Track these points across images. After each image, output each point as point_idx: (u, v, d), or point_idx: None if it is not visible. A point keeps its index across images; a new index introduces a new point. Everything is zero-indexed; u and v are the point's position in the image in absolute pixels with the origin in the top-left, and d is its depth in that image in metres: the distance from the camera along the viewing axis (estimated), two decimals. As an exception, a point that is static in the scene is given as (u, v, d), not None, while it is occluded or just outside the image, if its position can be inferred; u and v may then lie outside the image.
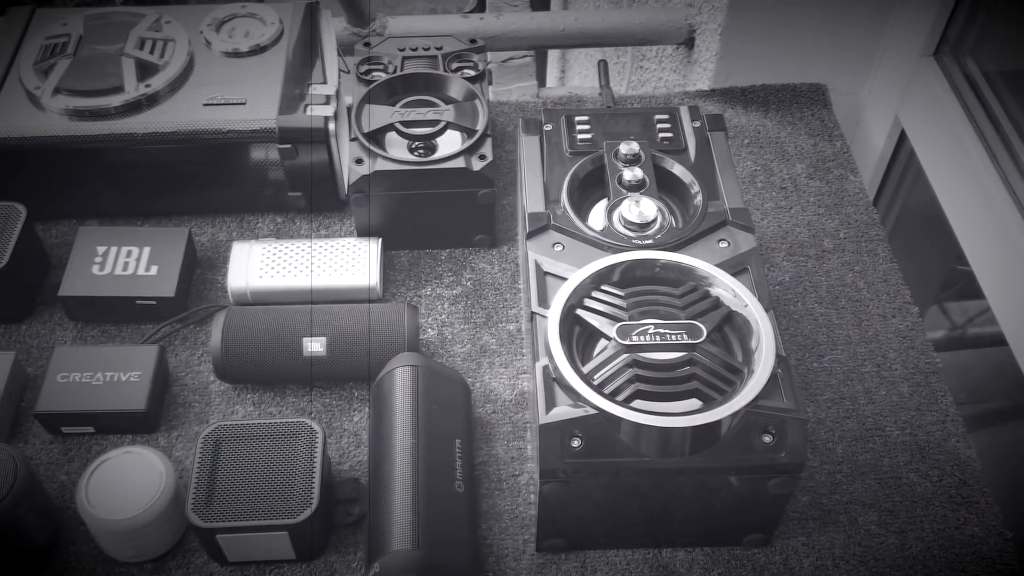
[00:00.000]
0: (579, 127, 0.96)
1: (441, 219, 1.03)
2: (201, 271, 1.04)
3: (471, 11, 1.26)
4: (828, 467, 0.89)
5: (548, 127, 0.96)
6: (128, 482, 0.80)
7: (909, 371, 0.96)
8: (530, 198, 0.89)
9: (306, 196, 1.07)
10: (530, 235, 0.86)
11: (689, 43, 1.30)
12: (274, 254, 1.01)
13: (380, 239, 1.02)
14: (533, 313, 0.81)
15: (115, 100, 1.01)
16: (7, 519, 0.76)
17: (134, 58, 1.04)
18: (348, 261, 1.01)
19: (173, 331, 0.99)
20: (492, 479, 0.89)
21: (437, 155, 1.02)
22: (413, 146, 1.03)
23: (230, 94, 1.03)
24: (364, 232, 1.03)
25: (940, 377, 0.96)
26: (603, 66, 1.23)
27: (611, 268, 0.82)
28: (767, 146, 1.18)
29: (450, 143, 1.03)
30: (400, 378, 0.87)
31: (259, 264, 1.00)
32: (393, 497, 0.80)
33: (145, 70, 1.04)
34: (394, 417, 0.85)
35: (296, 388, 0.95)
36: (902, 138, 1.24)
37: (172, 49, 1.06)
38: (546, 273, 0.83)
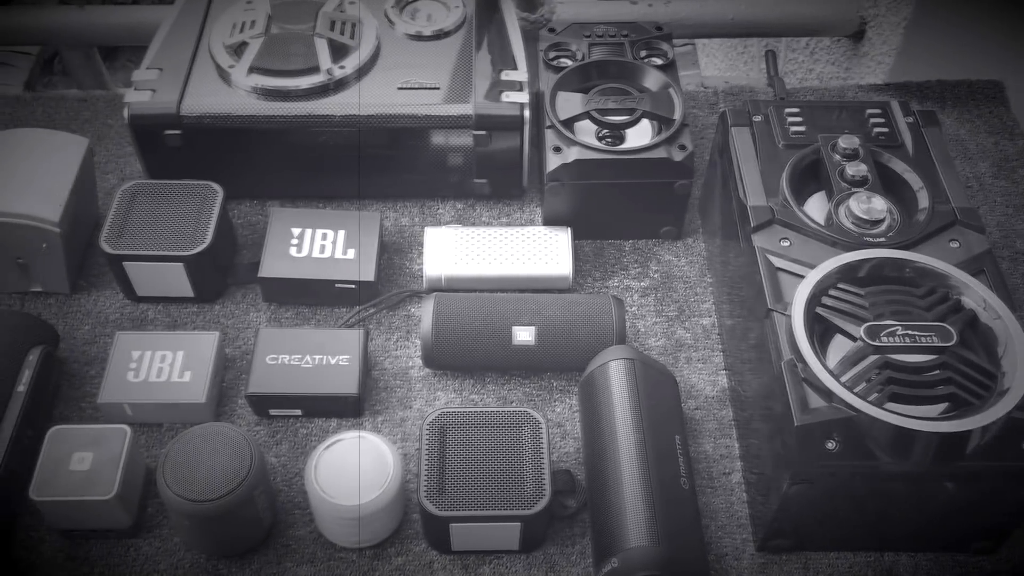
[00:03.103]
0: (790, 119, 0.94)
1: (630, 209, 1.02)
2: (388, 256, 1.03)
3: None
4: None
5: (757, 118, 0.94)
6: (356, 467, 0.79)
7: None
8: (750, 191, 0.88)
9: (492, 183, 1.06)
10: (755, 229, 0.85)
11: (858, 35, 1.27)
12: (467, 241, 1.00)
13: (570, 228, 1.01)
14: (770, 310, 0.79)
15: (309, 81, 1.00)
16: (245, 500, 0.76)
17: (326, 39, 1.03)
18: (540, 250, 1.00)
19: (368, 315, 0.98)
20: (703, 476, 0.88)
21: (627, 144, 1.01)
22: (602, 134, 1.02)
23: (420, 78, 1.02)
24: (553, 221, 1.02)
25: None
26: (771, 56, 1.21)
27: (856, 265, 0.80)
28: (948, 144, 1.16)
29: (637, 133, 1.02)
30: (616, 371, 0.86)
31: (453, 251, 0.99)
32: (622, 492, 0.79)
33: (336, 51, 1.03)
34: (613, 410, 0.84)
35: (495, 376, 0.94)
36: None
37: (360, 30, 1.05)
38: (777, 269, 0.82)
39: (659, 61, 1.06)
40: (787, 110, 0.95)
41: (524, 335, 0.90)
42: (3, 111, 1.17)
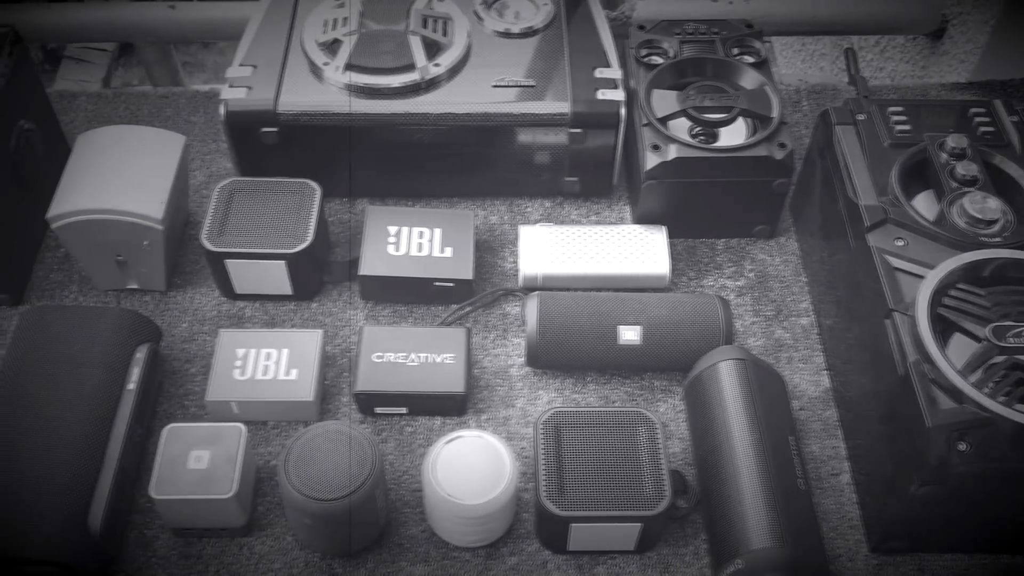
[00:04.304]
0: (894, 118, 0.93)
1: (725, 207, 1.01)
2: (479, 254, 1.03)
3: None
4: None
5: (861, 117, 0.94)
6: (473, 466, 0.79)
7: None
8: (861, 190, 0.87)
9: (583, 181, 1.05)
10: (869, 229, 0.84)
11: (937, 33, 1.26)
12: (563, 239, 1.00)
13: (665, 227, 1.01)
14: (891, 310, 0.79)
15: (401, 79, 1.00)
16: (367, 499, 0.76)
17: (419, 36, 1.03)
18: (636, 248, 0.99)
19: (463, 314, 0.98)
20: (812, 477, 0.87)
21: (721, 143, 1.00)
22: (695, 132, 1.01)
23: (513, 76, 1.02)
24: (646, 219, 1.02)
25: None
26: (852, 54, 1.20)
27: (979, 265, 0.79)
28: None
29: (729, 131, 1.01)
30: (726, 371, 0.85)
31: (549, 249, 0.99)
32: (742, 493, 0.78)
33: (429, 48, 1.03)
34: (726, 411, 0.83)
35: (595, 375, 0.94)
36: None
37: (452, 27, 1.05)
38: (895, 269, 0.82)
39: (751, 59, 1.06)
40: (890, 109, 0.94)
41: (630, 334, 0.89)
42: (86, 108, 1.17)
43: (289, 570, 0.81)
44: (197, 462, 0.79)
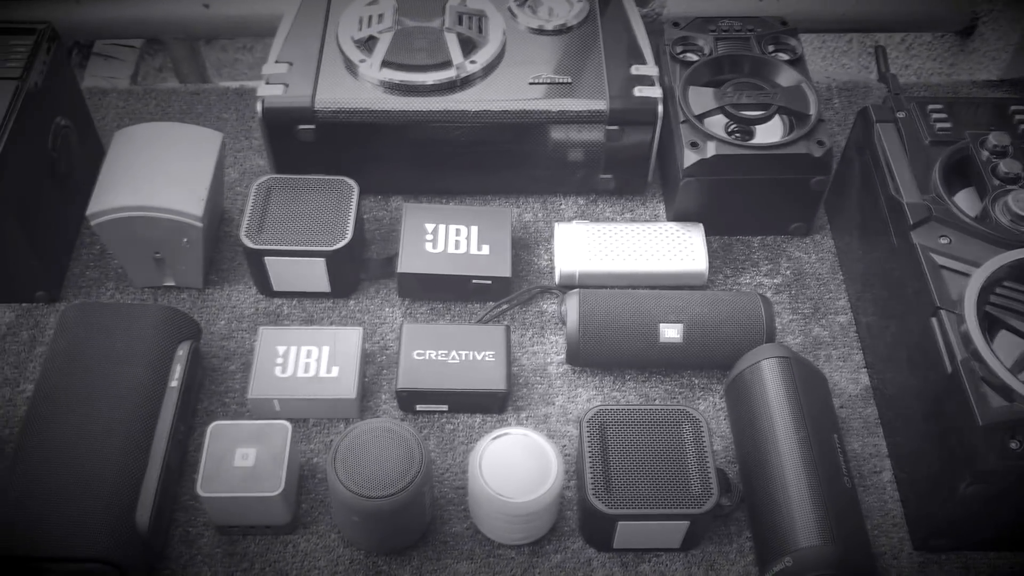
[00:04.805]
0: (934, 115, 0.93)
1: (762, 205, 1.01)
2: (515, 251, 1.03)
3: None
4: None
5: (901, 114, 0.93)
6: (520, 464, 0.79)
7: None
8: (904, 188, 0.87)
9: (618, 178, 1.05)
10: (914, 227, 0.84)
11: (967, 31, 1.26)
12: (599, 236, 0.99)
13: (702, 224, 1.01)
14: (938, 308, 0.79)
15: (436, 76, 1.00)
16: (415, 497, 0.76)
17: (455, 33, 1.02)
18: (672, 246, 0.99)
19: (501, 311, 0.98)
20: (854, 475, 0.87)
21: (756, 140, 1.00)
22: (731, 129, 1.01)
23: (548, 73, 1.02)
24: (683, 216, 1.02)
25: None
26: (881, 52, 1.20)
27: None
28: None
29: (765, 129, 1.01)
30: (770, 369, 0.85)
31: (586, 246, 0.99)
32: (789, 491, 0.78)
33: (464, 45, 1.03)
34: (771, 409, 0.83)
35: (635, 373, 0.94)
36: None
37: (487, 24, 1.05)
38: (940, 267, 0.81)
39: (786, 56, 1.05)
40: (930, 106, 0.94)
41: (671, 332, 0.89)
42: (117, 104, 1.16)
43: (334, 567, 0.81)
44: (243, 459, 0.79)
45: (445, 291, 0.97)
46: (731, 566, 0.82)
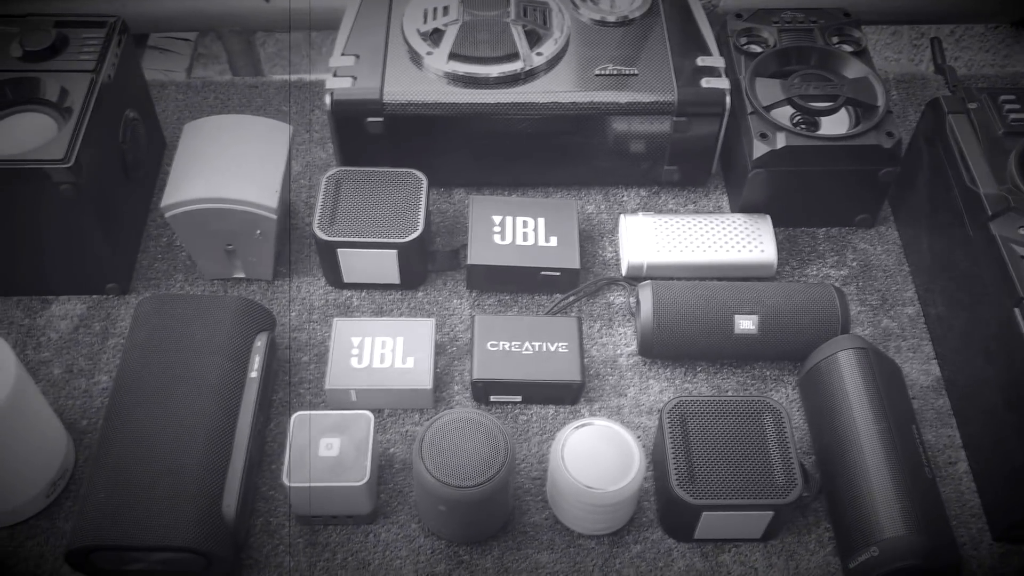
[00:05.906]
0: (1007, 106, 0.93)
1: (828, 196, 1.01)
2: (580, 243, 1.03)
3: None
4: None
5: (973, 105, 0.93)
6: (602, 454, 0.79)
7: None
8: (981, 179, 0.87)
9: (682, 170, 1.05)
10: (993, 217, 0.84)
11: (1020, 23, 1.26)
12: (666, 228, 1.00)
13: (768, 216, 1.01)
14: (1021, 299, 0.79)
15: (501, 68, 1.00)
16: (501, 487, 0.76)
17: (520, 25, 1.03)
18: (740, 237, 0.99)
19: (568, 303, 0.98)
20: (933, 466, 0.87)
21: (823, 131, 1.00)
22: (797, 120, 1.01)
23: (613, 64, 1.02)
24: (749, 208, 1.02)
25: None
26: (937, 44, 1.19)
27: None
28: None
29: (831, 120, 1.01)
30: (849, 360, 0.85)
31: (653, 238, 0.99)
32: (872, 482, 0.78)
33: (529, 37, 1.03)
34: (849, 400, 0.83)
35: (706, 364, 0.94)
36: None
37: (551, 16, 1.05)
38: (1021, 258, 0.81)
39: (850, 47, 1.05)
40: (1002, 97, 0.94)
41: (746, 324, 0.89)
42: (176, 97, 1.17)
43: (416, 557, 0.81)
44: (328, 449, 0.79)
45: (513, 283, 0.98)
46: (811, 556, 0.82)
